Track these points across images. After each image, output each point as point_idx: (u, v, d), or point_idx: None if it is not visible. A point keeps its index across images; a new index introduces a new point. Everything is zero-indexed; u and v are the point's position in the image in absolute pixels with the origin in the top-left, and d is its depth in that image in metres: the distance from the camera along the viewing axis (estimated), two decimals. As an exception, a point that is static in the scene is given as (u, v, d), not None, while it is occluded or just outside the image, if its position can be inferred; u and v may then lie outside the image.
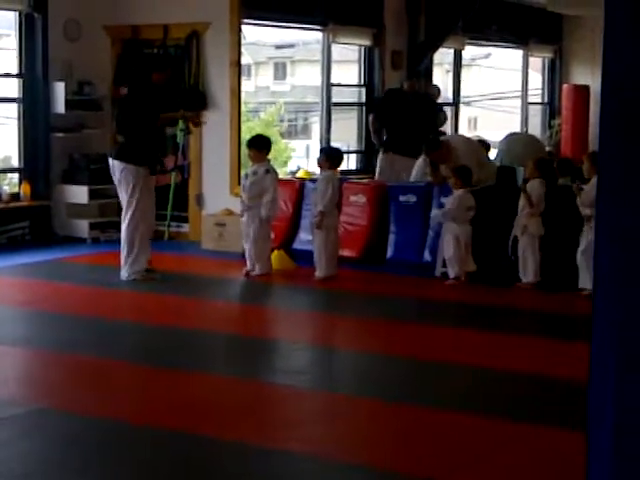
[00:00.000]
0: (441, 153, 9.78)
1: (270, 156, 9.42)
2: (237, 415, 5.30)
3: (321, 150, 9.76)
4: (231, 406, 5.48)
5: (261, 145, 9.27)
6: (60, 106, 11.02)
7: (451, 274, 8.91)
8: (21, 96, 11.11)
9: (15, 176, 11.49)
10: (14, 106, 11.18)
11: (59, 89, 11.01)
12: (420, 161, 10.31)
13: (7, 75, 11.17)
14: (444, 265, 9.00)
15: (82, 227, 11.17)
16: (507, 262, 8.78)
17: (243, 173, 9.38)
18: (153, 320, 7.54)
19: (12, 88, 11.15)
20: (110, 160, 8.94)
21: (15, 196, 11.01)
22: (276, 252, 9.50)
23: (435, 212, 9.26)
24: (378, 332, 7.38)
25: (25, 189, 11.00)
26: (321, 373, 6.47)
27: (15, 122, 11.21)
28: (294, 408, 5.57)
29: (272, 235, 9.46)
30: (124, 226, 8.88)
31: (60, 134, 11.19)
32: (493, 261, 8.98)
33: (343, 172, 11.47)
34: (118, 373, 6.14)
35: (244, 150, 10.47)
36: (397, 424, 5.23)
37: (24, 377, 6.31)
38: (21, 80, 11.10)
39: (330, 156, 9.41)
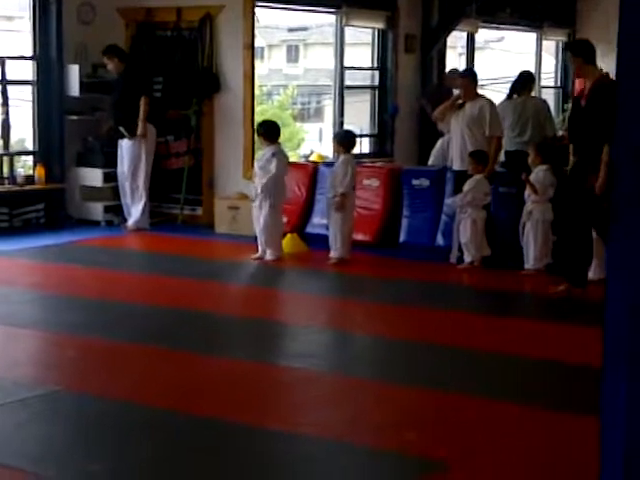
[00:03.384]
0: None
1: (282, 139, 9.44)
2: (248, 397, 5.33)
3: (334, 137, 9.80)
4: (242, 388, 5.51)
5: (267, 130, 9.27)
6: (74, 89, 11.02)
7: (467, 258, 8.92)
8: (35, 79, 11.12)
9: (29, 159, 11.53)
10: (28, 88, 11.19)
11: (73, 72, 11.01)
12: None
13: (22, 57, 11.19)
14: (459, 249, 9.02)
15: (96, 210, 11.20)
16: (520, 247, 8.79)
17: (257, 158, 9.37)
18: (166, 303, 7.56)
19: (26, 70, 11.16)
20: None
21: (29, 179, 11.02)
22: (289, 235, 9.52)
23: (452, 199, 9.23)
24: (391, 316, 7.40)
25: (39, 172, 11.01)
26: (333, 356, 6.50)
27: (29, 105, 11.23)
28: (306, 391, 5.58)
29: (284, 219, 9.49)
30: None
31: (74, 117, 11.21)
32: (507, 246, 8.98)
33: (356, 156, 11.46)
34: (131, 355, 6.17)
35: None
36: (409, 407, 5.25)
37: (38, 359, 6.35)
38: (35, 63, 11.11)
39: (342, 141, 9.46)
